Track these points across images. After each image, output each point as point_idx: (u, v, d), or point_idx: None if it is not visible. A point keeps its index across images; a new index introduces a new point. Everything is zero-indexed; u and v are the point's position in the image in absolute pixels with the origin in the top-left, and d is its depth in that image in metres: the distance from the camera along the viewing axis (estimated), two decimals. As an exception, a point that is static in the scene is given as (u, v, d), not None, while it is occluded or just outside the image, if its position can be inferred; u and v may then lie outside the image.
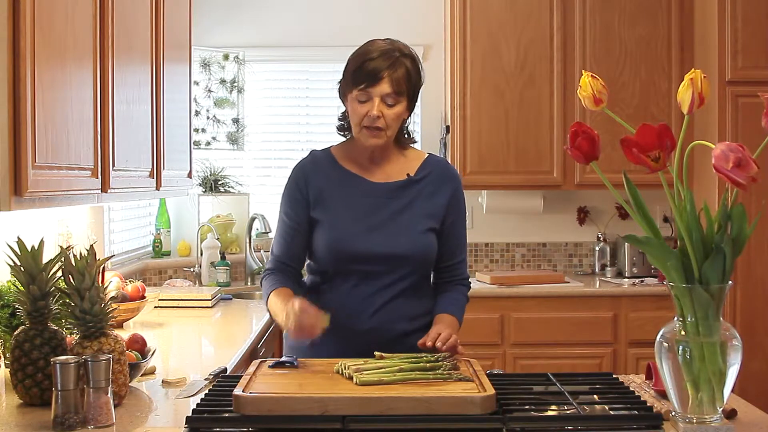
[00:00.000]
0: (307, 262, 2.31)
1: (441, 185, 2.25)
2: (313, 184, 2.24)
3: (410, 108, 2.21)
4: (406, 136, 2.29)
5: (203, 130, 4.53)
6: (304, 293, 2.23)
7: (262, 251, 4.50)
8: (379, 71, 2.11)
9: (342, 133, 2.30)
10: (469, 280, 2.35)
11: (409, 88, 2.16)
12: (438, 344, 1.98)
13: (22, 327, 1.87)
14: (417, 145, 2.40)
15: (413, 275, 2.21)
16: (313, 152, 2.32)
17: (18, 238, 1.86)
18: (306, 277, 2.33)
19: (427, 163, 2.28)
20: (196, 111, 4.46)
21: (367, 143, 2.18)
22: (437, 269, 2.30)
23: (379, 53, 2.14)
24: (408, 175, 2.24)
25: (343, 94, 2.21)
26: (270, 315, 2.22)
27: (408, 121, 2.27)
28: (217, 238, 4.36)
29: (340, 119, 2.29)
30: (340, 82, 2.23)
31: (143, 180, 2.92)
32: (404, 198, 2.22)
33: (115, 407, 1.70)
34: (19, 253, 1.83)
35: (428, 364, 1.76)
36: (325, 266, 2.22)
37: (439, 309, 2.23)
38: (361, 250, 2.17)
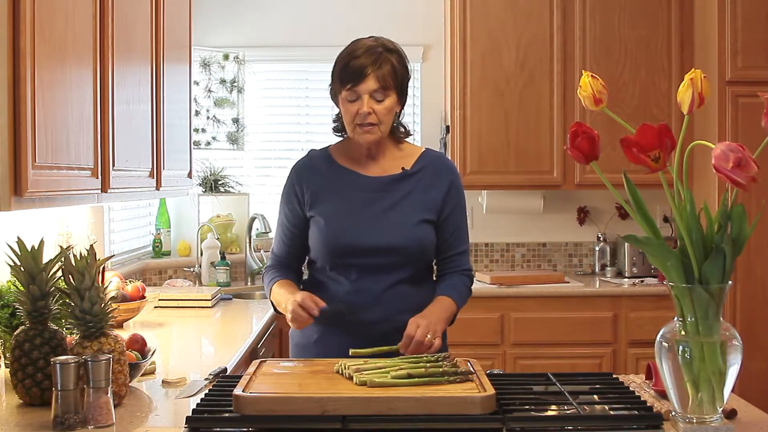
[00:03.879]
0: (307, 258, 2.33)
1: (437, 178, 2.26)
2: (309, 184, 2.26)
3: (401, 102, 2.24)
4: (401, 129, 2.30)
5: (203, 130, 4.53)
6: (304, 289, 2.27)
7: (262, 251, 4.50)
8: (364, 68, 2.14)
9: (338, 134, 2.32)
10: (472, 272, 2.35)
11: (396, 82, 2.18)
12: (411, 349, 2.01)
13: (22, 327, 1.87)
14: (416, 144, 2.41)
15: (412, 266, 2.22)
16: (310, 152, 2.35)
17: (18, 238, 1.86)
18: (306, 274, 2.34)
19: (423, 157, 2.29)
20: (196, 111, 4.46)
21: (362, 140, 2.20)
22: (438, 261, 2.31)
23: (363, 51, 2.16)
24: (403, 168, 2.25)
25: (334, 95, 2.24)
26: (273, 306, 2.27)
27: (401, 114, 2.29)
28: (217, 238, 4.36)
29: (334, 121, 2.31)
30: (330, 84, 2.26)
31: (143, 180, 2.92)
32: (399, 191, 2.23)
33: (115, 407, 1.70)
34: (19, 253, 1.83)
35: (428, 364, 1.76)
36: (324, 262, 2.24)
37: (436, 293, 2.24)
38: (356, 243, 2.18)
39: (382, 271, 2.19)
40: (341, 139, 2.33)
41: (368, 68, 2.14)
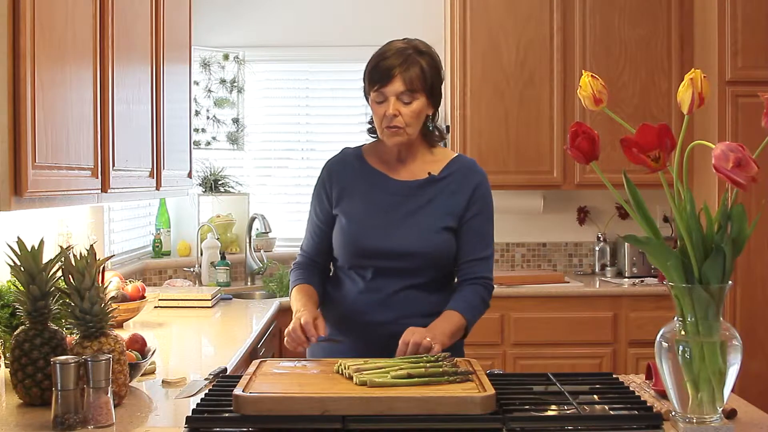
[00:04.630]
0: None
1: (463, 183, 2.24)
2: (338, 182, 2.27)
3: (434, 104, 2.22)
4: (436, 133, 2.28)
5: (203, 130, 4.53)
6: (324, 287, 2.29)
7: (262, 251, 4.50)
8: (391, 70, 2.13)
9: (373, 135, 2.30)
10: (491, 280, 2.27)
11: (425, 85, 2.16)
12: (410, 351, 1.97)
13: (22, 327, 1.87)
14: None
15: (430, 272, 2.21)
16: (344, 150, 2.35)
17: (18, 238, 1.86)
18: (331, 270, 2.35)
19: (453, 163, 2.27)
20: (196, 111, 4.46)
21: (390, 142, 2.20)
22: (458, 266, 2.27)
23: (393, 52, 2.15)
24: (429, 173, 2.24)
25: (366, 96, 2.23)
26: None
27: (436, 117, 2.27)
28: (217, 238, 4.36)
29: (369, 122, 2.29)
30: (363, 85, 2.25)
31: (143, 180, 2.92)
32: (424, 196, 2.22)
33: (115, 407, 1.70)
34: (19, 253, 1.83)
35: (428, 364, 1.76)
36: (343, 260, 2.25)
37: (446, 307, 2.19)
38: (376, 246, 2.18)
39: (398, 275, 2.18)
40: (375, 139, 2.31)
41: (395, 69, 2.13)
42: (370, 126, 2.29)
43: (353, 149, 2.33)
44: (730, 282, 1.59)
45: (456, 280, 2.30)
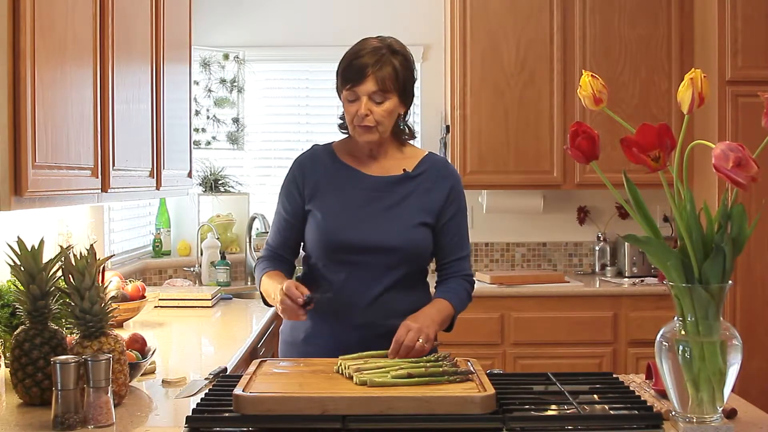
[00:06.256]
0: (302, 254, 2.33)
1: (438, 182, 2.25)
2: (310, 178, 2.25)
3: (405, 104, 2.22)
4: (406, 131, 2.29)
5: (203, 130, 4.53)
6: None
7: (262, 251, 4.50)
8: (364, 69, 2.12)
9: (343, 131, 2.31)
10: (473, 277, 2.31)
11: (397, 85, 2.15)
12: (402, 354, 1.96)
13: (22, 327, 1.87)
14: (417, 145, 2.40)
15: (406, 269, 2.20)
16: (314, 147, 2.34)
17: (18, 237, 1.86)
18: (300, 270, 2.34)
19: (425, 161, 2.28)
20: (196, 111, 4.46)
21: (361, 140, 2.19)
22: (438, 266, 2.29)
23: (367, 51, 2.14)
24: (404, 170, 2.24)
25: (338, 93, 2.23)
26: (263, 298, 2.25)
27: (408, 116, 2.27)
28: (217, 238, 4.36)
29: (340, 118, 2.29)
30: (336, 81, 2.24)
31: (143, 180, 2.92)
32: (399, 193, 2.22)
33: (115, 407, 1.70)
34: (19, 253, 1.83)
35: (428, 364, 1.76)
36: (317, 257, 2.23)
37: (434, 296, 2.22)
38: (351, 240, 2.17)
39: (375, 272, 2.17)
40: (345, 136, 2.32)
41: (368, 69, 2.12)
42: (340, 122, 2.29)
43: (323, 145, 2.32)
44: (730, 282, 1.59)
45: (438, 278, 2.30)
